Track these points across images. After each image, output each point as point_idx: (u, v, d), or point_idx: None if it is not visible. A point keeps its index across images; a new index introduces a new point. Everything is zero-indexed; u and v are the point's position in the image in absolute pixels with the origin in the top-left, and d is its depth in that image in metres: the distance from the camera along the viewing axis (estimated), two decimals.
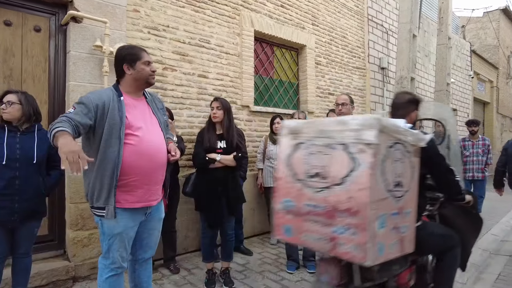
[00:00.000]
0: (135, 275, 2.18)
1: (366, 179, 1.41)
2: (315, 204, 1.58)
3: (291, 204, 1.68)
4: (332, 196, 1.51)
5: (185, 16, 3.91)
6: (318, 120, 2.14)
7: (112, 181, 1.81)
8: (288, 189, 1.71)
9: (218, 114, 2.90)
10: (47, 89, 3.07)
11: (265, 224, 4.60)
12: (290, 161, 1.71)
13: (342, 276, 1.69)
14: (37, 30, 3.01)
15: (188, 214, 3.83)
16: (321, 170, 1.57)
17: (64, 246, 3.16)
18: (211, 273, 3.02)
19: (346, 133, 1.50)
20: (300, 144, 1.68)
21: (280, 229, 1.76)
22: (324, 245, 1.55)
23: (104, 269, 1.94)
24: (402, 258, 1.74)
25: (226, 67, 4.32)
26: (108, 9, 3.23)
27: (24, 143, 2.27)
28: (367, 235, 1.41)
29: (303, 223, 1.63)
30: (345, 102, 3.17)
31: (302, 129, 1.68)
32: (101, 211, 1.85)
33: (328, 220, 1.53)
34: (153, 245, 2.19)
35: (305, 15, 5.46)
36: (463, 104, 11.10)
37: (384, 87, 7.18)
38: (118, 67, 1.98)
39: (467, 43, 11.71)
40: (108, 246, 1.90)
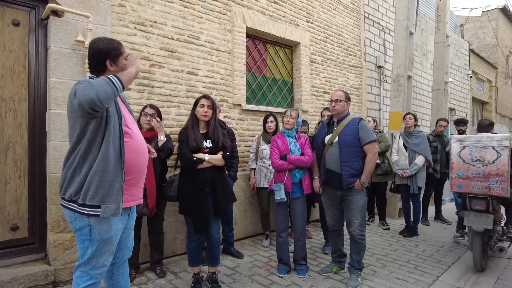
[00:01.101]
0: (112, 281, 2.05)
1: (506, 161, 3.21)
2: (477, 173, 3.34)
3: (462, 174, 3.43)
4: (487, 169, 3.29)
5: (174, 12, 3.79)
6: (474, 136, 3.56)
7: (120, 177, 1.74)
8: (460, 168, 3.46)
9: (209, 113, 2.77)
10: (27, 85, 2.94)
11: (257, 226, 4.48)
12: (460, 154, 3.46)
13: (487, 206, 3.32)
14: (16, 24, 2.89)
15: (176, 216, 3.70)
16: (480, 158, 3.34)
17: (45, 249, 3.03)
18: (198, 277, 2.90)
19: (493, 142, 3.30)
20: (465, 146, 3.44)
21: (455, 186, 3.48)
22: (483, 190, 3.30)
23: (83, 276, 1.78)
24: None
25: (217, 64, 4.20)
26: (91, 3, 3.11)
27: None
28: (506, 184, 3.19)
29: (470, 182, 3.38)
30: (339, 98, 3.05)
31: (465, 140, 3.47)
32: (94, 210, 1.68)
33: (485, 179, 3.29)
34: (131, 246, 2.08)
35: (299, 12, 5.35)
36: (461, 103, 10.99)
37: (381, 86, 7.07)
38: (97, 62, 1.84)
39: (466, 42, 11.61)
40: (95, 252, 1.75)
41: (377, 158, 3.97)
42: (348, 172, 2.94)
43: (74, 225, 1.76)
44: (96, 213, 1.69)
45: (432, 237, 4.61)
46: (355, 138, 2.96)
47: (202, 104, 2.76)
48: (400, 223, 5.30)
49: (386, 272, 3.34)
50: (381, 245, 4.24)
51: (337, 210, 3.19)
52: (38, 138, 3.00)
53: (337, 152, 3.00)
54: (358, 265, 3.06)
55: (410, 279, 3.16)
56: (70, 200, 1.71)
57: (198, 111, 2.78)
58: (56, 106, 2.90)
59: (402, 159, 4.68)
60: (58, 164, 2.89)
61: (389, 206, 5.60)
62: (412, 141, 4.62)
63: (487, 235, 3.39)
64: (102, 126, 1.71)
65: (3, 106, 2.83)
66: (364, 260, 3.19)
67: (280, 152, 3.19)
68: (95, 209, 1.68)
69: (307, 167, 3.22)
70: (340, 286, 3.01)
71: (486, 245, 3.46)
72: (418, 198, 4.71)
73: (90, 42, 1.92)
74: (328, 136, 3.12)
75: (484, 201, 3.31)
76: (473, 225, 3.30)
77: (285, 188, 3.13)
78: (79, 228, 1.74)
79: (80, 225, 1.73)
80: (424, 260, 3.67)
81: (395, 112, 5.88)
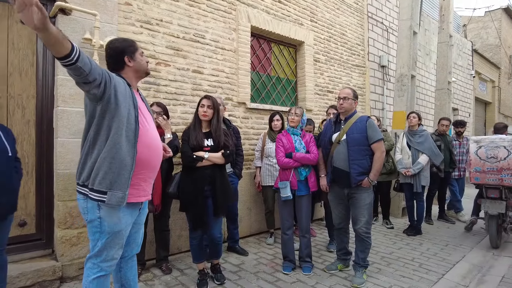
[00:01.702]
0: (121, 274, 2.07)
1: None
2: (491, 168, 4.03)
3: (479, 169, 4.12)
4: (500, 164, 3.98)
5: (179, 10, 3.81)
6: (489, 137, 4.18)
7: (130, 168, 1.75)
8: (477, 163, 4.13)
9: (209, 113, 2.80)
10: (35, 83, 2.97)
11: (261, 224, 4.50)
12: (477, 152, 4.13)
13: (500, 194, 4.05)
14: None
15: (181, 213, 3.71)
16: (494, 155, 4.02)
17: (52, 245, 3.06)
18: (203, 273, 2.92)
19: (504, 142, 4.00)
20: (481, 146, 4.11)
21: (473, 179, 4.19)
22: (496, 181, 4.01)
23: (93, 268, 1.81)
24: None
25: (222, 62, 4.22)
26: (98, 1, 3.14)
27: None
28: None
29: (485, 175, 4.08)
30: (347, 96, 3.05)
31: (481, 141, 4.16)
32: (100, 196, 1.69)
33: (498, 172, 4.00)
34: (140, 241, 2.10)
35: (303, 11, 5.36)
36: (464, 103, 10.98)
37: (384, 86, 7.08)
38: (116, 60, 1.89)
39: (469, 42, 11.59)
40: (105, 245, 1.78)
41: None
42: (356, 170, 2.95)
43: (86, 217, 1.78)
44: (102, 198, 1.70)
45: (436, 236, 4.61)
46: (363, 136, 2.97)
47: (202, 104, 2.82)
48: (404, 222, 5.30)
49: (390, 270, 3.34)
50: (385, 243, 4.24)
51: (343, 208, 3.20)
52: (46, 135, 3.02)
53: (345, 150, 3.01)
54: (363, 262, 3.07)
55: (414, 277, 3.17)
56: (83, 184, 1.74)
57: (199, 111, 2.83)
58: (63, 103, 2.92)
59: (405, 158, 4.68)
60: (65, 161, 2.92)
61: (392, 205, 5.61)
62: (415, 140, 4.63)
63: (501, 218, 4.11)
64: (110, 112, 1.71)
65: (11, 103, 2.86)
66: (368, 258, 3.20)
67: (286, 150, 3.20)
68: (101, 194, 1.70)
69: (312, 165, 3.24)
70: (345, 283, 3.02)
71: (500, 227, 4.15)
72: (422, 197, 4.72)
73: (106, 44, 1.97)
74: (335, 134, 3.13)
75: (498, 190, 4.08)
76: (489, 210, 4.11)
77: (290, 186, 3.14)
78: (90, 220, 1.77)
79: (92, 217, 1.76)
80: (429, 259, 3.68)
81: (398, 111, 5.89)
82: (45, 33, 1.36)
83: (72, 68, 1.49)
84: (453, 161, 5.37)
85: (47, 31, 1.35)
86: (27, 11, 1.27)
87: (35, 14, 1.28)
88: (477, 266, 3.49)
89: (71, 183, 2.91)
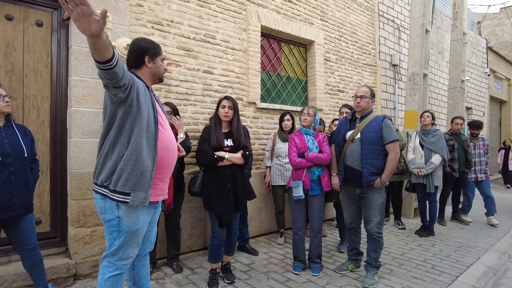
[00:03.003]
0: (134, 272, 2.10)
1: None
2: None
3: None
4: None
5: (190, 11, 3.84)
6: None
7: (151, 169, 1.77)
8: None
9: (230, 114, 2.87)
10: (49, 84, 3.03)
11: (272, 224, 4.49)
12: None
13: None
14: (39, 25, 2.98)
15: (193, 212, 3.76)
16: None
17: (66, 243, 3.11)
18: (214, 273, 2.94)
19: None
20: None
21: None
22: None
23: (109, 267, 1.83)
24: None
25: (232, 63, 4.24)
26: (110, 3, 3.18)
27: (11, 138, 2.26)
28: None
29: None
30: (364, 94, 3.01)
31: None
32: (124, 197, 1.71)
33: None
34: (153, 240, 2.13)
35: (313, 10, 5.34)
36: (478, 102, 10.76)
37: (396, 85, 6.99)
38: (137, 57, 1.90)
39: (483, 40, 11.35)
40: (122, 243, 1.80)
41: None
42: (369, 170, 2.93)
43: (103, 216, 1.80)
44: (125, 200, 1.72)
45: (450, 237, 4.53)
46: (378, 136, 2.94)
47: (223, 105, 2.88)
48: (416, 223, 5.23)
49: (402, 271, 3.30)
50: (397, 244, 4.19)
51: (355, 208, 3.17)
52: (60, 135, 3.08)
53: (358, 149, 2.98)
54: (375, 262, 3.04)
55: (427, 278, 3.13)
56: (101, 185, 1.76)
57: (220, 112, 2.89)
58: (76, 104, 2.97)
59: (418, 158, 4.62)
60: (78, 160, 2.97)
61: (404, 206, 5.53)
62: (428, 139, 4.56)
63: None
64: (132, 115, 1.72)
65: (27, 104, 2.92)
66: (380, 259, 3.16)
67: (298, 149, 3.19)
68: (124, 196, 1.72)
69: (325, 165, 3.22)
70: (356, 284, 3.00)
71: None
72: (434, 197, 4.64)
73: (132, 40, 1.99)
74: (349, 132, 3.10)
75: None
76: None
77: (303, 185, 3.13)
78: (108, 219, 1.78)
79: (110, 217, 1.78)
80: (442, 260, 3.62)
81: (410, 111, 5.81)
82: (98, 39, 1.39)
83: (109, 72, 1.51)
84: (468, 161, 5.25)
85: (101, 38, 1.39)
86: (85, 20, 1.32)
87: (95, 23, 1.32)
88: (493, 268, 3.42)
89: (84, 182, 2.96)
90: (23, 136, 2.34)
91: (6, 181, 2.18)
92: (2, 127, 2.27)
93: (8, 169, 2.19)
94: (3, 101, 2.24)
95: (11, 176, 2.20)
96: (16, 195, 2.23)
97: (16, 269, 2.67)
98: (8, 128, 2.30)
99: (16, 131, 2.33)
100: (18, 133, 2.32)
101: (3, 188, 2.17)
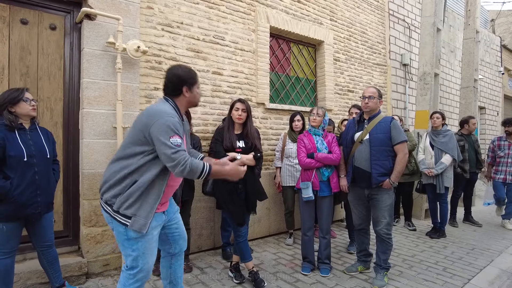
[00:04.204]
0: (171, 271, 2.14)
1: None
2: None
3: None
4: None
5: (199, 13, 3.87)
6: None
7: (158, 199, 1.83)
8: None
9: (243, 116, 2.92)
10: (62, 86, 3.10)
11: (280, 224, 4.50)
12: None
13: None
14: (53, 28, 3.04)
15: (202, 212, 3.79)
16: None
17: (78, 242, 3.18)
18: (253, 272, 2.93)
19: None
20: None
21: None
22: None
23: (129, 279, 1.84)
24: None
25: (241, 64, 4.25)
26: (121, 6, 3.23)
27: (35, 140, 2.37)
28: None
29: None
30: (372, 95, 3.00)
31: None
32: (124, 219, 1.76)
33: None
34: (185, 235, 2.18)
35: (322, 10, 5.32)
36: (492, 102, 10.56)
37: (406, 84, 6.91)
38: (175, 87, 1.93)
39: (497, 38, 11.13)
40: (137, 252, 1.81)
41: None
42: (378, 171, 2.91)
43: (111, 225, 1.86)
44: (126, 222, 1.76)
45: (462, 239, 4.46)
46: (386, 136, 2.92)
47: (237, 108, 2.93)
48: (427, 224, 5.16)
49: (413, 273, 3.27)
50: (407, 245, 4.15)
51: (364, 209, 3.16)
52: (72, 136, 3.14)
53: (367, 150, 2.97)
54: (385, 264, 3.01)
55: (438, 281, 3.09)
56: (106, 202, 1.82)
57: (233, 114, 2.94)
58: (88, 106, 3.03)
59: (428, 158, 4.56)
60: (90, 161, 3.03)
61: (415, 207, 5.47)
62: (439, 139, 4.49)
63: None
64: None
65: (41, 106, 2.99)
66: (389, 260, 3.14)
67: (307, 150, 3.19)
68: (126, 218, 1.77)
69: (335, 165, 3.21)
70: (366, 285, 2.98)
71: None
72: (445, 199, 4.57)
73: (170, 67, 2.02)
74: (357, 133, 3.09)
75: None
76: None
77: (312, 186, 3.13)
78: (115, 228, 1.84)
79: (117, 226, 1.82)
80: (453, 262, 3.57)
81: (421, 111, 5.74)
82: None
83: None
84: (479, 162, 5.14)
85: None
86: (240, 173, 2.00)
87: (242, 172, 2.01)
88: (506, 271, 3.36)
89: (96, 182, 3.02)
90: (45, 138, 2.45)
91: (31, 181, 2.29)
92: (28, 129, 2.36)
93: (33, 169, 2.30)
94: (30, 104, 2.34)
95: (35, 176, 2.31)
96: (40, 193, 2.34)
97: (30, 266, 2.74)
98: (33, 130, 2.40)
99: (39, 133, 2.44)
100: (42, 136, 2.43)
101: (28, 187, 2.27)
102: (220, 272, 3.21)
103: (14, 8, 2.87)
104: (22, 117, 2.32)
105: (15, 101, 2.26)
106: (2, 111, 2.25)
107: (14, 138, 2.24)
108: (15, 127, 2.25)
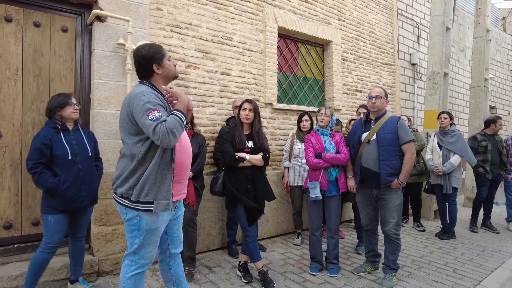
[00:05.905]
0: (171, 273, 2.15)
1: None
2: None
3: None
4: None
5: (208, 14, 3.90)
6: None
7: (171, 176, 1.87)
8: None
9: (250, 116, 2.94)
10: (73, 87, 3.15)
11: (288, 224, 4.50)
12: None
13: None
14: (64, 31, 3.10)
15: (210, 212, 3.82)
16: None
17: (89, 241, 3.22)
18: (262, 272, 2.93)
19: None
20: None
21: None
22: None
23: (131, 265, 1.90)
24: None
25: (249, 64, 4.27)
26: (131, 7, 3.27)
27: (78, 140, 2.60)
28: None
29: None
30: (379, 95, 3.00)
31: None
32: (148, 206, 1.81)
33: None
34: (182, 238, 2.20)
35: (330, 10, 5.31)
36: (503, 101, 10.40)
37: (415, 84, 6.86)
38: (145, 69, 1.94)
39: (508, 36, 10.96)
40: (143, 242, 1.87)
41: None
42: (386, 171, 2.90)
43: (124, 216, 1.89)
44: (149, 208, 1.81)
45: (472, 241, 4.41)
46: (394, 136, 2.92)
47: (244, 108, 2.95)
48: (436, 225, 5.11)
49: (422, 274, 3.25)
50: (416, 246, 4.12)
51: (372, 209, 3.15)
52: None
53: (375, 150, 2.96)
54: (393, 265, 3.00)
55: (448, 282, 3.06)
56: (121, 196, 1.85)
57: (241, 114, 2.96)
58: (99, 106, 3.07)
59: (435, 158, 4.52)
60: None
61: (424, 207, 5.42)
62: (447, 139, 4.45)
63: None
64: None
65: None
66: (398, 261, 3.12)
67: (315, 150, 3.19)
68: (148, 205, 1.81)
69: (342, 165, 3.21)
70: (374, 286, 2.97)
71: None
72: (454, 199, 4.51)
73: (133, 51, 2.03)
74: (365, 133, 3.08)
75: None
76: None
77: (320, 186, 3.13)
78: (129, 218, 1.86)
79: (130, 216, 1.86)
80: (464, 264, 3.53)
81: (430, 111, 5.68)
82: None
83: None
84: (503, 163, 4.95)
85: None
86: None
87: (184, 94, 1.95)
88: None
89: (106, 182, 3.06)
90: (87, 138, 2.68)
91: (76, 177, 2.49)
92: (71, 130, 2.58)
93: (77, 166, 2.51)
94: (73, 108, 2.56)
95: (79, 173, 2.52)
96: (84, 188, 2.54)
97: None
98: (76, 131, 2.62)
99: (82, 133, 2.66)
100: (84, 135, 2.66)
101: (73, 183, 2.48)
102: (229, 272, 3.23)
103: (27, 11, 2.92)
104: (67, 120, 2.55)
105: (63, 105, 2.51)
106: (53, 115, 2.50)
107: (60, 139, 2.48)
108: (61, 129, 2.49)
